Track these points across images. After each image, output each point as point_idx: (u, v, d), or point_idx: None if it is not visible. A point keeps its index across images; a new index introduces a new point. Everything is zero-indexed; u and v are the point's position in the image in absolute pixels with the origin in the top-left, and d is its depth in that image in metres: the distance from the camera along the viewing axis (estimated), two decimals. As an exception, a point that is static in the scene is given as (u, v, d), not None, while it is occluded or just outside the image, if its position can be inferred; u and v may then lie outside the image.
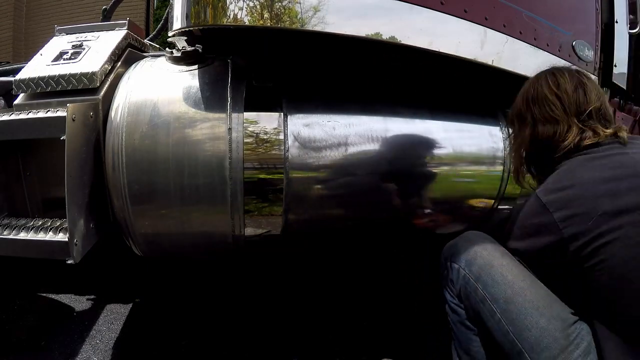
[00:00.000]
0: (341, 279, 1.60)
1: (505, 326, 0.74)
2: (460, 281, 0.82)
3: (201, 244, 1.07)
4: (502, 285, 0.76)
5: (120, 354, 1.20)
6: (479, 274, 0.79)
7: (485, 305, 0.76)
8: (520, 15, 1.04)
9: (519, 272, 0.78)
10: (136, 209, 0.95)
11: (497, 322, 0.75)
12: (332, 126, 1.03)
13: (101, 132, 0.97)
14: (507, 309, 0.74)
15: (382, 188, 1.10)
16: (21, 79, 0.98)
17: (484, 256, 0.80)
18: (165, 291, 1.53)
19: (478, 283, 0.78)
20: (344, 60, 1.16)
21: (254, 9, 0.81)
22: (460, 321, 0.84)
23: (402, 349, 1.25)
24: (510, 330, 0.73)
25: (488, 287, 0.77)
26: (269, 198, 1.01)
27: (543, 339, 0.70)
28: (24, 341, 1.23)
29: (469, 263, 0.81)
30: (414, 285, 1.59)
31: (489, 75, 1.08)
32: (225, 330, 1.32)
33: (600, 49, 1.28)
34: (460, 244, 0.86)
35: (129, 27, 1.16)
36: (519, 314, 0.73)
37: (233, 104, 0.97)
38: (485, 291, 0.77)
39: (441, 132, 1.14)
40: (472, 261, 0.81)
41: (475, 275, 0.79)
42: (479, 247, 0.82)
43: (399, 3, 0.87)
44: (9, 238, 0.90)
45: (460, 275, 0.82)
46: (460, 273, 0.82)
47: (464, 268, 0.81)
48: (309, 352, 1.23)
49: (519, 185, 0.94)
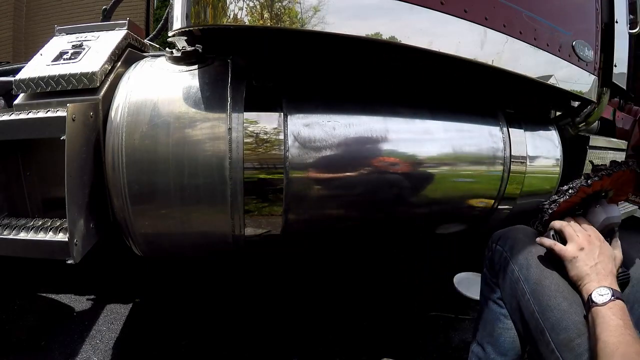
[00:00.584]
0: (341, 278, 1.60)
1: (532, 305, 0.81)
2: (501, 262, 0.91)
3: (201, 244, 1.07)
4: (535, 269, 0.84)
5: (120, 354, 1.20)
6: (517, 258, 0.88)
7: (519, 286, 0.85)
8: (520, 15, 1.04)
9: (550, 260, 0.85)
10: (136, 209, 0.95)
11: (527, 301, 0.82)
12: (332, 126, 1.03)
13: (101, 132, 0.97)
14: (535, 289, 0.81)
15: (382, 188, 1.10)
16: (21, 79, 0.98)
17: (525, 243, 0.90)
18: (165, 291, 1.53)
19: (515, 265, 0.87)
20: (344, 60, 1.16)
21: (254, 9, 0.81)
22: (493, 298, 0.93)
23: (402, 349, 1.25)
24: (536, 310, 0.79)
25: (523, 269, 0.85)
26: (269, 198, 1.01)
27: (563, 320, 0.75)
28: (24, 341, 1.23)
29: (511, 247, 0.91)
30: (414, 285, 1.59)
31: (489, 75, 1.08)
32: (225, 330, 1.32)
33: (600, 49, 1.27)
34: (507, 232, 0.96)
35: (129, 27, 1.16)
36: (544, 295, 0.79)
37: (233, 104, 0.97)
38: (520, 273, 0.86)
39: (441, 132, 1.14)
40: (513, 246, 0.90)
41: (515, 258, 0.88)
42: (522, 235, 0.92)
43: (399, 3, 0.87)
44: (9, 238, 0.90)
45: (502, 257, 0.92)
46: (502, 255, 0.92)
47: (507, 251, 0.91)
48: (309, 352, 1.23)
49: None
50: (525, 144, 1.26)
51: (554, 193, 1.37)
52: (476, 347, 0.96)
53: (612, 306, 0.68)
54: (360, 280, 1.60)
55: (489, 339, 0.93)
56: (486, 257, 0.98)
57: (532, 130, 1.30)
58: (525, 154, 1.25)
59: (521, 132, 1.27)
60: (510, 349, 0.91)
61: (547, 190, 1.37)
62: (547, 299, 0.78)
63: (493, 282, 0.94)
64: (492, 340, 0.92)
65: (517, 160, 1.23)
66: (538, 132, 1.33)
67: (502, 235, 0.95)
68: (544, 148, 1.32)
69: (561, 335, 0.74)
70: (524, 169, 1.25)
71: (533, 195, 1.34)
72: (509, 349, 0.91)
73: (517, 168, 1.24)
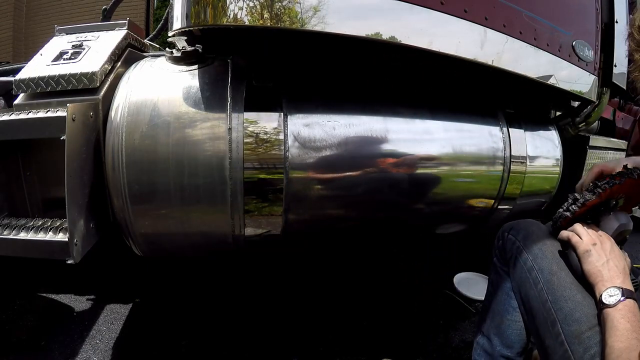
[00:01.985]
0: (341, 278, 1.60)
1: (545, 295, 0.80)
2: (513, 251, 0.91)
3: (201, 244, 1.07)
4: (550, 260, 0.84)
5: (120, 354, 1.20)
6: (532, 248, 0.87)
7: (532, 275, 0.84)
8: (520, 15, 1.04)
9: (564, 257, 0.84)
10: (136, 209, 0.95)
11: (539, 291, 0.82)
12: (332, 126, 1.03)
13: (101, 132, 0.97)
14: (550, 279, 0.81)
15: (382, 188, 1.10)
16: (21, 79, 0.98)
17: (539, 235, 0.89)
18: (165, 291, 1.53)
19: (529, 254, 0.87)
20: (344, 60, 1.16)
21: (254, 9, 0.81)
22: (504, 288, 0.93)
23: (402, 349, 1.25)
24: (549, 299, 0.79)
25: (537, 259, 0.85)
26: (269, 198, 1.01)
27: (576, 312, 0.74)
28: (24, 341, 1.23)
29: (525, 237, 0.90)
30: (414, 285, 1.59)
31: (489, 75, 1.08)
32: (225, 330, 1.32)
33: (600, 49, 1.28)
34: (520, 223, 0.95)
35: (129, 27, 1.16)
36: (559, 285, 0.79)
37: (233, 104, 0.97)
38: (534, 262, 0.85)
39: (441, 132, 1.14)
40: (527, 236, 0.90)
41: (528, 248, 0.88)
42: (535, 227, 0.92)
43: (399, 3, 0.87)
44: (9, 238, 0.90)
45: (514, 246, 0.91)
46: (515, 244, 0.91)
47: (520, 240, 0.90)
48: (309, 352, 1.23)
49: None
50: (525, 144, 1.26)
51: (554, 193, 1.38)
52: (482, 338, 0.96)
53: (622, 307, 0.68)
54: (360, 280, 1.60)
55: (496, 330, 0.92)
56: (496, 247, 0.98)
57: (532, 130, 1.31)
58: (525, 154, 1.25)
59: (521, 132, 1.27)
60: (517, 341, 0.91)
61: (547, 190, 1.37)
62: (563, 289, 0.78)
63: (504, 270, 0.94)
64: (499, 332, 0.92)
65: (517, 160, 1.23)
66: (538, 132, 1.33)
67: (514, 226, 0.95)
68: (544, 148, 1.32)
69: (573, 327, 0.73)
70: (524, 169, 1.25)
71: (533, 195, 1.34)
72: (515, 342, 0.91)
73: (517, 168, 1.24)
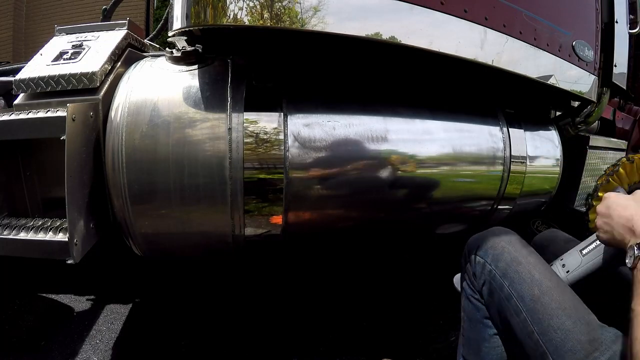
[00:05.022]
0: (341, 279, 1.60)
1: (530, 325, 0.70)
2: (485, 276, 0.78)
3: (201, 244, 1.07)
4: (529, 283, 0.72)
5: (120, 354, 1.20)
6: (506, 271, 0.75)
7: (511, 303, 0.73)
8: (520, 15, 1.04)
9: (545, 272, 0.75)
10: (136, 209, 0.95)
11: (523, 321, 0.72)
12: (332, 126, 1.03)
13: (101, 132, 0.97)
14: (533, 307, 0.71)
15: (382, 188, 1.10)
16: (21, 79, 0.99)
17: (512, 252, 0.77)
18: (165, 291, 1.53)
19: (505, 280, 0.75)
20: (344, 60, 1.16)
21: (254, 9, 0.81)
22: (477, 317, 0.81)
23: (402, 349, 1.25)
24: (535, 330, 0.70)
25: (515, 285, 0.73)
26: (269, 198, 1.01)
27: (568, 341, 0.67)
28: (24, 341, 1.23)
29: (496, 258, 0.77)
30: (414, 285, 1.58)
31: (489, 75, 1.08)
32: (225, 330, 1.32)
33: (600, 49, 1.28)
34: (486, 238, 0.82)
35: (129, 27, 1.16)
36: (545, 313, 0.70)
37: (233, 104, 0.97)
38: (511, 288, 0.73)
39: (441, 132, 1.14)
40: (499, 257, 0.77)
41: (502, 271, 0.75)
42: (506, 242, 0.79)
43: (399, 3, 0.87)
44: (9, 238, 0.90)
45: (485, 270, 0.78)
46: (486, 268, 0.78)
47: (490, 263, 0.77)
48: (309, 352, 1.23)
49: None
50: (525, 144, 1.26)
51: (554, 193, 1.38)
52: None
53: None
54: (360, 280, 1.60)
55: (474, 357, 0.83)
56: (463, 270, 0.85)
57: (532, 130, 1.31)
58: (525, 154, 1.25)
59: (521, 132, 1.27)
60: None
61: (547, 190, 1.37)
62: (549, 318, 0.69)
63: (475, 299, 0.82)
64: (478, 358, 0.82)
65: (517, 160, 1.23)
66: (538, 132, 1.33)
67: (480, 244, 0.82)
68: (544, 148, 1.32)
69: (566, 357, 0.66)
70: (524, 169, 1.25)
71: (533, 195, 1.34)
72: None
73: (517, 168, 1.24)
